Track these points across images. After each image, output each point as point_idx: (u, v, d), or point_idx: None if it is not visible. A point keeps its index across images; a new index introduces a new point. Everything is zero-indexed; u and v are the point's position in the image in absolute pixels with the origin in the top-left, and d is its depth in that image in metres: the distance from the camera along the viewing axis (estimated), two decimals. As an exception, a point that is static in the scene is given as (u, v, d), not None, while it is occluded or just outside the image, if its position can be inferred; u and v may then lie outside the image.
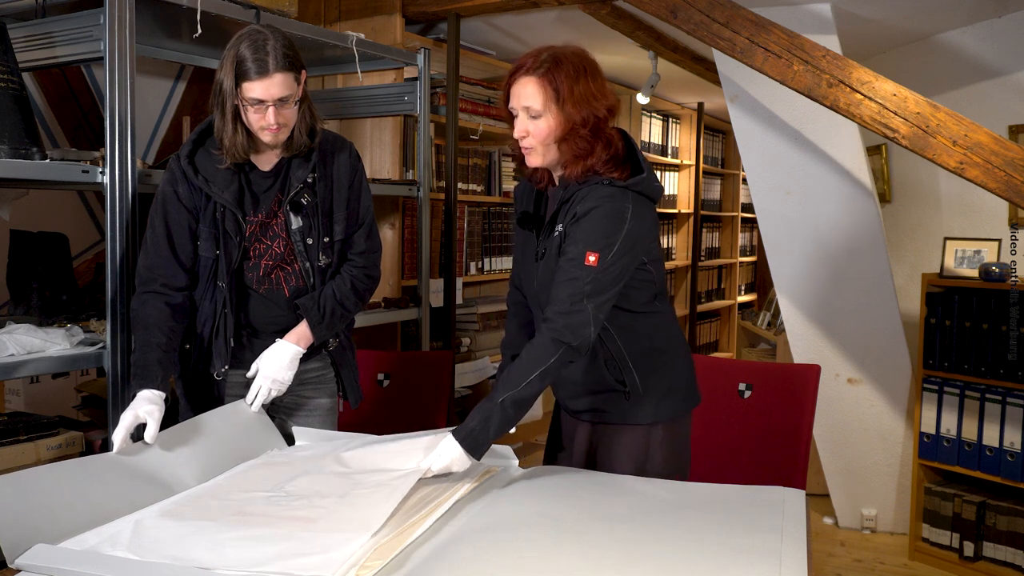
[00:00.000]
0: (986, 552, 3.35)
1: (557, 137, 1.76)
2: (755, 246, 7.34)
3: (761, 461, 2.35)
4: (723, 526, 1.49)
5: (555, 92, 1.73)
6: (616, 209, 1.75)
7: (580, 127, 1.74)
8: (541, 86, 1.74)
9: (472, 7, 3.38)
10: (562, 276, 1.74)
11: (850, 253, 3.56)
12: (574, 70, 1.75)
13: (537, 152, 1.79)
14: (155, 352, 1.87)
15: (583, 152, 1.76)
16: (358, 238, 2.10)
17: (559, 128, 1.75)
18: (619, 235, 1.74)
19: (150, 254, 1.96)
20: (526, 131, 1.77)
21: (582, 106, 1.73)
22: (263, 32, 1.87)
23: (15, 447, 2.00)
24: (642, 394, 1.89)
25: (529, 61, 1.76)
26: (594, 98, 1.75)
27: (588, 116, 1.74)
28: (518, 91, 1.77)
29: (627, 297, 1.84)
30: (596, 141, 1.76)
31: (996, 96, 3.59)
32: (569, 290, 1.72)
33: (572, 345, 1.70)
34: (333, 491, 1.60)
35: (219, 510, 1.51)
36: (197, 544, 1.35)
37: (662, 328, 1.94)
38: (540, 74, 1.74)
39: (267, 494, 1.59)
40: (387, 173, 3.42)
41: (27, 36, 2.22)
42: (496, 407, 1.68)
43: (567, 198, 1.80)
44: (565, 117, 1.74)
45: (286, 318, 2.03)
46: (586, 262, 1.71)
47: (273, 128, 1.89)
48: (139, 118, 2.14)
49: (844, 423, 3.76)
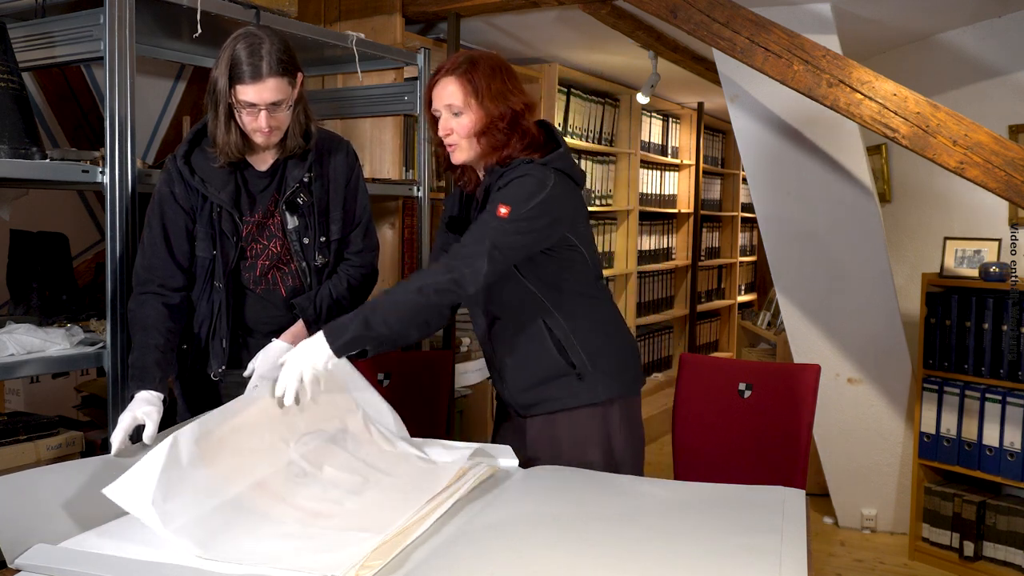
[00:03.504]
0: (986, 552, 3.35)
1: (477, 131, 1.86)
2: (755, 246, 7.34)
3: (761, 461, 2.35)
4: (723, 526, 1.49)
5: (473, 89, 1.85)
6: (536, 179, 1.84)
7: (498, 121, 1.85)
8: (460, 84, 1.86)
9: (472, 7, 3.38)
10: (470, 228, 1.83)
11: (850, 253, 3.56)
12: (490, 69, 1.88)
13: (462, 148, 1.89)
14: (153, 353, 1.87)
15: (499, 144, 1.87)
16: (355, 237, 2.10)
17: (479, 123, 1.86)
18: (536, 198, 1.82)
19: (147, 255, 1.96)
20: (450, 129, 1.88)
21: (499, 101, 1.85)
22: (259, 34, 1.87)
23: (15, 447, 2.00)
24: (593, 373, 1.94)
25: (448, 64, 1.89)
26: (511, 93, 1.87)
27: (505, 111, 1.86)
28: (439, 92, 1.88)
29: (566, 279, 1.93)
30: (512, 134, 1.87)
31: (996, 96, 3.58)
32: (475, 233, 1.80)
33: (460, 278, 1.74)
34: (347, 485, 1.60)
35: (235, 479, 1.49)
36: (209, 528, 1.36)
37: (605, 311, 2.02)
38: (459, 74, 1.86)
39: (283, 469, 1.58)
40: (387, 173, 3.42)
41: (27, 36, 2.22)
42: (368, 306, 1.73)
43: (490, 183, 1.89)
44: (484, 112, 1.85)
45: (283, 318, 2.03)
46: (497, 213, 1.79)
47: (265, 131, 1.89)
48: (139, 118, 2.14)
49: (844, 423, 3.76)
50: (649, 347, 5.81)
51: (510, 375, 1.99)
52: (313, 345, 1.69)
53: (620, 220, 5.36)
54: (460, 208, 2.04)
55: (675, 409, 2.49)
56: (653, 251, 5.73)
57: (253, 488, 1.49)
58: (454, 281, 1.74)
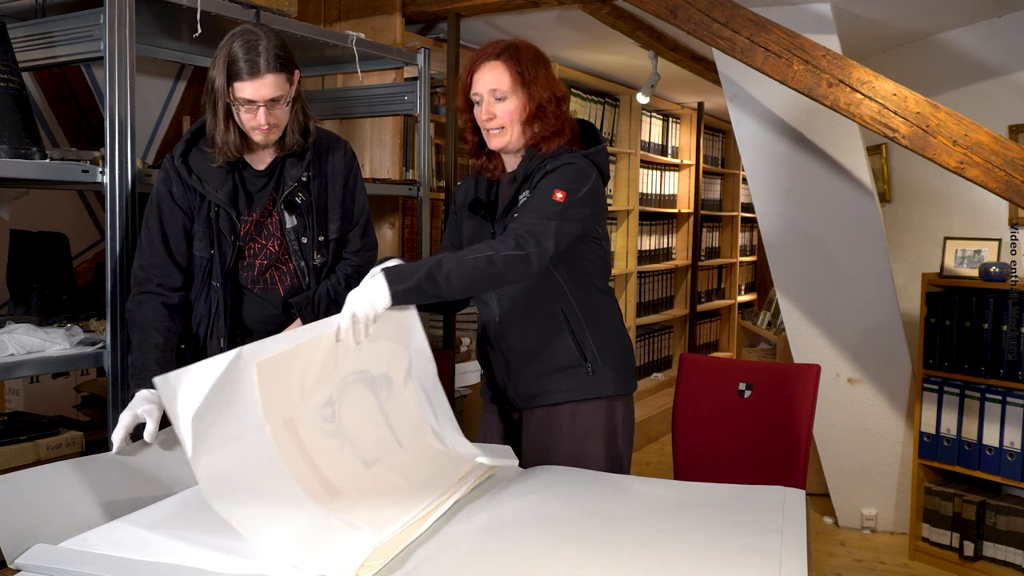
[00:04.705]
0: (986, 552, 3.35)
1: (525, 116, 1.89)
2: (755, 246, 7.34)
3: (761, 461, 2.35)
4: (723, 526, 1.49)
5: (519, 74, 1.88)
6: (581, 168, 1.88)
7: (546, 105, 1.88)
8: (507, 68, 1.88)
9: (472, 7, 3.38)
10: (528, 203, 1.83)
11: (850, 253, 3.56)
12: (533, 56, 1.91)
13: (505, 133, 1.91)
14: (153, 353, 1.87)
15: (554, 130, 1.89)
16: (353, 236, 2.10)
17: (526, 107, 1.88)
18: (584, 186, 1.85)
19: (145, 255, 1.95)
20: (493, 113, 1.90)
21: (544, 87, 1.88)
22: (256, 32, 1.87)
23: (15, 447, 2.00)
24: (603, 367, 1.95)
25: (489, 49, 1.91)
26: (553, 81, 1.91)
27: (551, 96, 1.89)
28: (483, 76, 1.90)
29: (588, 272, 1.96)
30: (563, 120, 1.90)
31: (996, 96, 3.59)
32: (538, 213, 1.80)
33: (530, 255, 1.73)
34: (364, 451, 1.60)
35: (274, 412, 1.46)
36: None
37: (614, 310, 2.05)
38: (504, 58, 1.89)
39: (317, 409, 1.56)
40: (387, 173, 3.42)
41: (27, 36, 2.22)
42: (433, 261, 1.70)
43: (532, 170, 1.89)
44: (529, 97, 1.88)
45: (281, 317, 2.02)
46: (554, 197, 1.81)
47: (264, 128, 1.89)
48: (139, 118, 2.14)
49: (844, 423, 3.76)
50: (649, 347, 5.81)
51: (518, 363, 1.98)
52: (373, 286, 1.65)
53: (620, 220, 5.37)
54: (482, 194, 2.04)
55: (675, 409, 2.49)
56: (653, 251, 5.74)
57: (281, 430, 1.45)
58: (525, 258, 1.73)
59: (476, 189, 2.05)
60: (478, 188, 2.05)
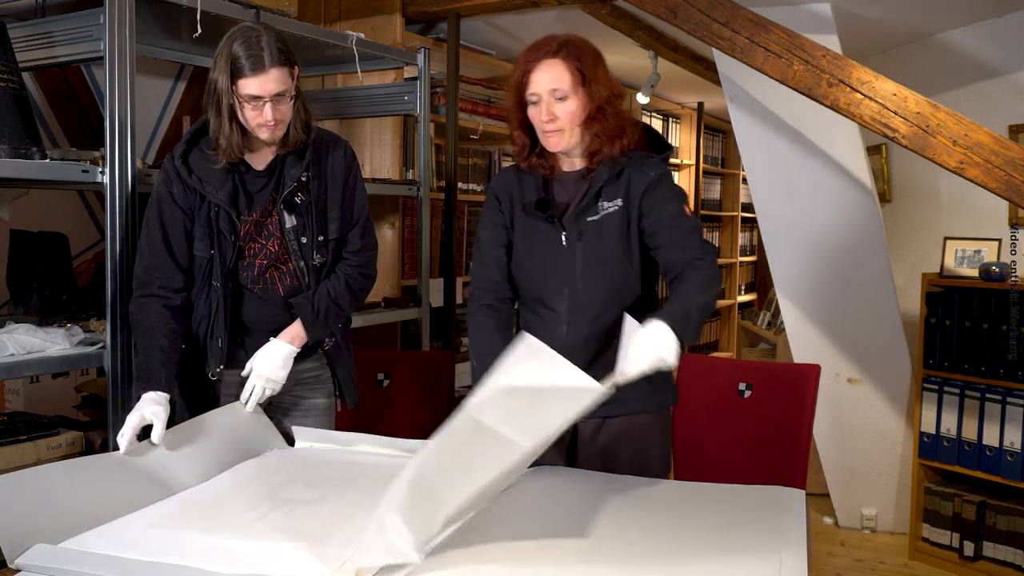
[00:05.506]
0: (986, 552, 3.35)
1: (586, 117, 1.80)
2: (755, 246, 7.33)
3: (761, 461, 2.35)
4: (723, 526, 1.49)
5: (580, 73, 1.79)
6: (671, 176, 1.86)
7: (605, 106, 1.80)
8: (568, 67, 1.78)
9: (472, 7, 3.38)
10: (679, 229, 1.79)
11: (850, 253, 3.55)
12: (592, 52, 1.83)
13: (564, 135, 1.81)
14: (158, 355, 1.87)
15: (615, 131, 1.82)
16: (353, 236, 2.09)
17: (586, 108, 1.80)
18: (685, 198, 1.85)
19: (146, 256, 1.95)
20: (553, 114, 1.79)
21: (603, 86, 1.80)
22: (255, 28, 1.88)
23: (15, 447, 2.00)
24: (665, 378, 1.93)
25: (548, 46, 1.80)
26: (610, 79, 1.84)
27: (609, 95, 1.81)
28: (541, 75, 1.79)
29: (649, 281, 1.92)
30: (623, 121, 1.83)
31: (996, 96, 3.58)
32: (697, 236, 1.79)
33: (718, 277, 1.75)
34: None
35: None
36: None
37: None
38: (563, 56, 1.79)
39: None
40: (387, 173, 3.42)
41: (27, 36, 2.22)
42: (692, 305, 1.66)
43: (614, 174, 1.83)
44: (590, 97, 1.79)
45: (281, 317, 2.02)
46: (687, 215, 1.80)
47: (271, 124, 1.89)
48: (139, 118, 2.14)
49: (844, 423, 3.75)
50: (649, 347, 5.79)
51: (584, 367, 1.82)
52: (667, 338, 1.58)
53: (620, 220, 5.35)
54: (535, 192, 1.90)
55: (675, 409, 2.49)
56: (653, 251, 5.72)
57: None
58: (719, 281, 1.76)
59: (521, 185, 1.92)
60: (523, 184, 1.92)
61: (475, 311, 1.92)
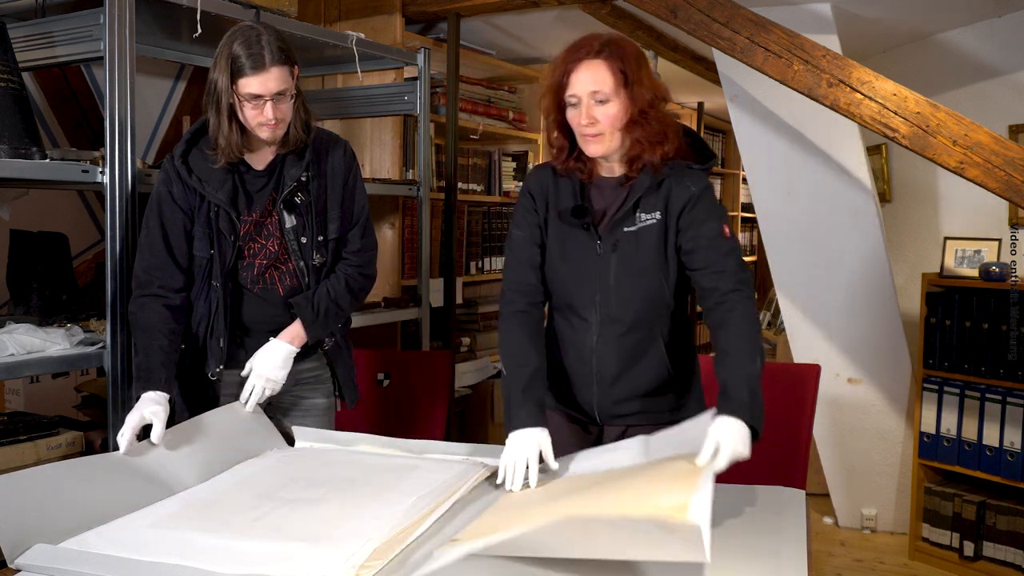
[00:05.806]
0: (986, 552, 3.35)
1: (627, 121, 1.72)
2: (755, 246, 7.33)
3: (761, 461, 2.34)
4: (723, 526, 1.49)
5: (623, 75, 1.70)
6: (713, 191, 1.81)
7: (648, 109, 1.72)
8: (609, 69, 1.70)
9: (472, 7, 3.38)
10: (717, 250, 1.74)
11: (850, 253, 3.56)
12: (635, 53, 1.74)
13: (604, 139, 1.73)
14: (158, 355, 1.87)
15: (657, 137, 1.74)
16: (353, 236, 2.09)
17: (628, 111, 1.72)
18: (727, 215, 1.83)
19: (146, 256, 1.95)
20: (594, 117, 1.71)
21: (647, 88, 1.72)
22: (255, 28, 1.88)
23: (15, 447, 2.00)
24: (690, 391, 1.92)
25: (589, 46, 1.73)
26: (653, 82, 1.75)
27: (653, 99, 1.73)
28: (582, 76, 1.71)
29: (682, 297, 1.87)
30: (665, 126, 1.75)
31: (996, 96, 3.58)
32: (735, 257, 1.75)
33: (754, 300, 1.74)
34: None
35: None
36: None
37: (691, 336, 1.99)
38: (605, 56, 1.71)
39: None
40: (387, 173, 3.42)
41: (27, 36, 2.22)
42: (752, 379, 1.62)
43: (654, 185, 1.77)
44: (632, 100, 1.71)
45: (281, 317, 2.02)
46: (726, 234, 1.76)
47: (271, 124, 1.89)
48: (139, 118, 2.14)
49: (844, 423, 3.75)
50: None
51: (613, 377, 1.85)
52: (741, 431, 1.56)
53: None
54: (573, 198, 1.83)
55: (675, 409, 2.49)
56: (653, 251, 5.72)
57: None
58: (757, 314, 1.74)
59: (557, 187, 1.85)
60: (559, 187, 1.85)
61: (507, 316, 1.85)
